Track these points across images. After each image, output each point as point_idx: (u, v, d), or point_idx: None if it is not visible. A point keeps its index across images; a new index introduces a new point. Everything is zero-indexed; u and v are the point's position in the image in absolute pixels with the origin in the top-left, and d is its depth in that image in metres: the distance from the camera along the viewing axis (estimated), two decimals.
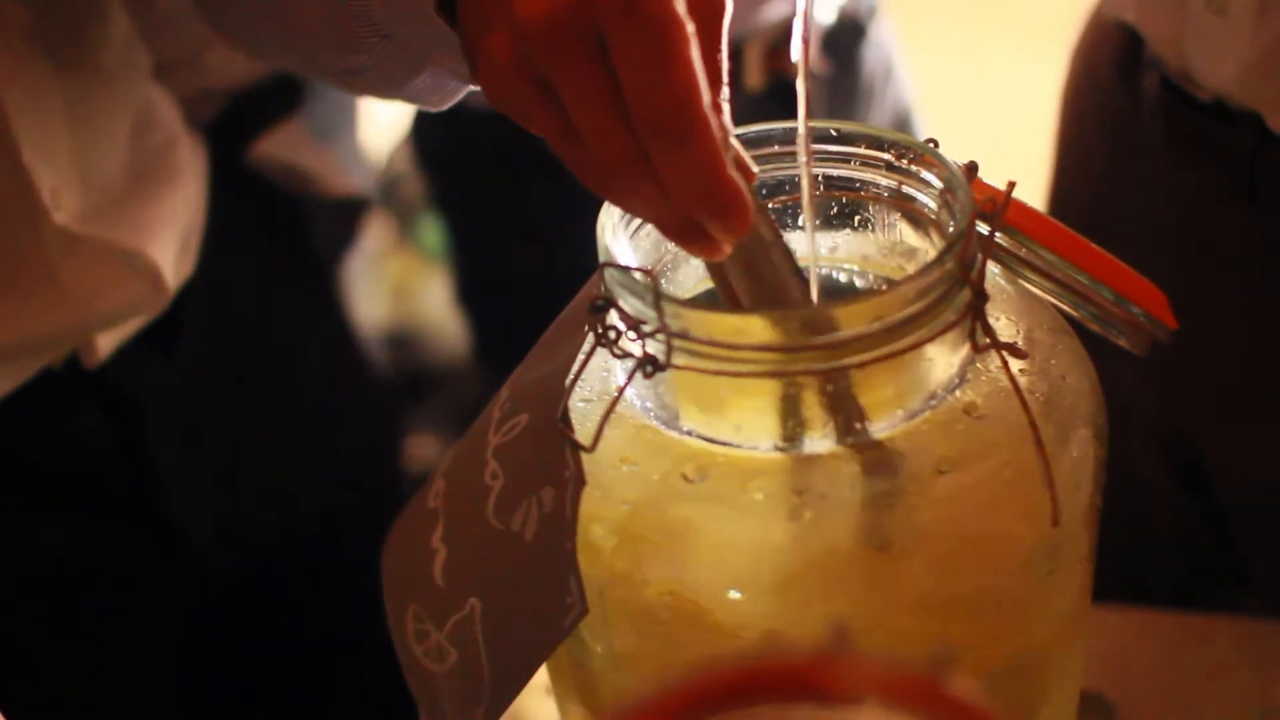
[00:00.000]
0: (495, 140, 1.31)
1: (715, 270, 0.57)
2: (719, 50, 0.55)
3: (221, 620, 0.98)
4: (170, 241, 0.87)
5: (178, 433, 0.92)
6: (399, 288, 2.13)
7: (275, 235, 1.05)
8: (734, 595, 0.53)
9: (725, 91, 0.54)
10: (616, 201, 0.55)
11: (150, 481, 0.91)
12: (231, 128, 1.01)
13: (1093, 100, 1.01)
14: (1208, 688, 0.84)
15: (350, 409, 1.10)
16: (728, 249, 0.54)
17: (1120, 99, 0.96)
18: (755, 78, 1.28)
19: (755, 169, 0.57)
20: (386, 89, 0.67)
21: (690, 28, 0.50)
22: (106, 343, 0.86)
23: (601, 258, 0.56)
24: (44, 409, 0.86)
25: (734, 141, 0.55)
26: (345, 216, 1.11)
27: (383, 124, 2.14)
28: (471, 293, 1.57)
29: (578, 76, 0.51)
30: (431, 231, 2.10)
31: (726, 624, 0.53)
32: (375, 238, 2.17)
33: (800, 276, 0.57)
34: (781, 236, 0.57)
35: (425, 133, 1.47)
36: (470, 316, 1.61)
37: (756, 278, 0.56)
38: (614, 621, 0.55)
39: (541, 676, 0.62)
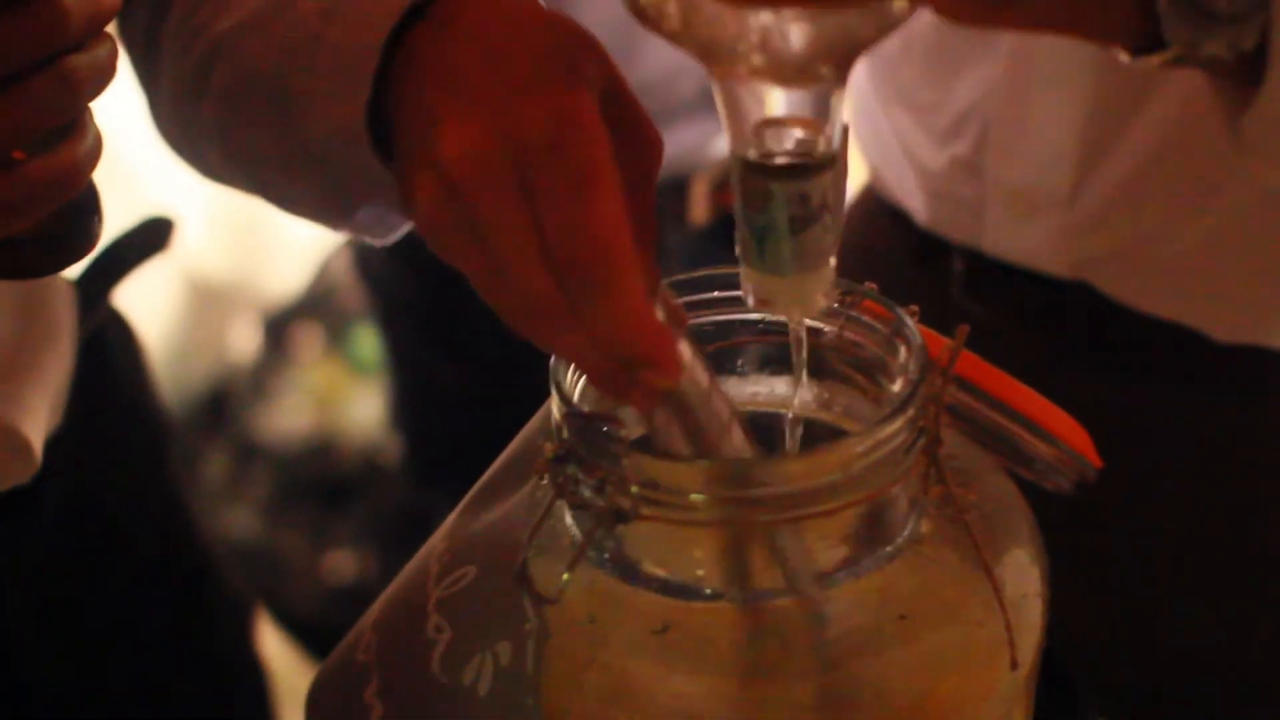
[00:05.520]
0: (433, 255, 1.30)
1: (648, 419, 0.54)
2: (650, 190, 0.54)
3: None
4: (42, 413, 0.77)
5: (37, 605, 0.83)
6: (324, 398, 2.11)
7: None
8: None
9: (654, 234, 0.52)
10: (542, 346, 0.53)
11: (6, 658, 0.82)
12: (106, 266, 0.87)
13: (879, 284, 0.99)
14: None
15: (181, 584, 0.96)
16: (657, 402, 0.52)
17: (919, 281, 0.93)
18: (701, 213, 1.28)
19: (685, 316, 0.55)
20: (330, 220, 0.67)
21: (616, 171, 0.49)
22: None
23: (557, 402, 0.54)
24: None
25: (665, 286, 0.53)
26: None
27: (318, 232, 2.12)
28: (404, 409, 1.55)
29: (500, 217, 0.50)
30: (364, 343, 2.08)
31: None
32: (303, 347, 2.15)
33: (743, 423, 0.55)
34: (718, 384, 0.55)
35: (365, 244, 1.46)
36: (402, 433, 1.59)
37: (695, 429, 0.53)
38: None
39: None
